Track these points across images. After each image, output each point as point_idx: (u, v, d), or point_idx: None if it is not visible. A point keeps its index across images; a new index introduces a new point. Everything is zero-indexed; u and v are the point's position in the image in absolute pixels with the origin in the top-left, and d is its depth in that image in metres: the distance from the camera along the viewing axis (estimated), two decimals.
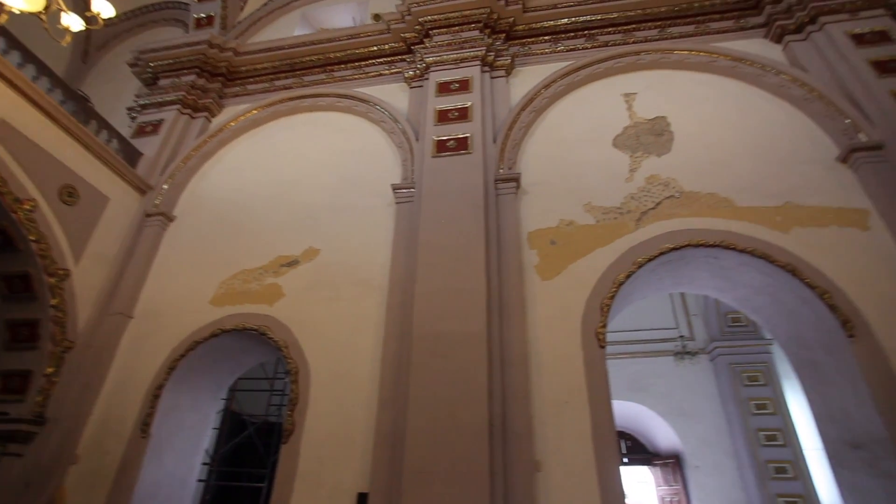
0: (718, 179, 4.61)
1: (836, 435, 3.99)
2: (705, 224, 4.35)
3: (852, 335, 3.70)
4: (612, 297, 4.07)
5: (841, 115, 4.65)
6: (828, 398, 4.07)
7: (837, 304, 3.82)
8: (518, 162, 5.05)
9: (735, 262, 4.27)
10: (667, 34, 5.87)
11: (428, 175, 4.91)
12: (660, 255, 4.25)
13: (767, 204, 4.41)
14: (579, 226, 4.53)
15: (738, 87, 5.30)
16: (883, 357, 3.60)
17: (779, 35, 5.49)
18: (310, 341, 4.54)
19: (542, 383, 3.82)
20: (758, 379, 8.14)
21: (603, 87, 5.55)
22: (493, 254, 4.28)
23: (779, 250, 4.13)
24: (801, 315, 4.16)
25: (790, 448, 7.56)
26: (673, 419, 8.27)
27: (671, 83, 5.47)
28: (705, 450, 8.02)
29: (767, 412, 7.86)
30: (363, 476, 3.73)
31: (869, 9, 5.13)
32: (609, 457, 3.51)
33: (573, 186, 4.77)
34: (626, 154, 4.92)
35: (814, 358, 4.19)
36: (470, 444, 3.38)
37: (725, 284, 4.58)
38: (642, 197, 4.59)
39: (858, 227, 4.18)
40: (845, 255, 4.06)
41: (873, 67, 4.68)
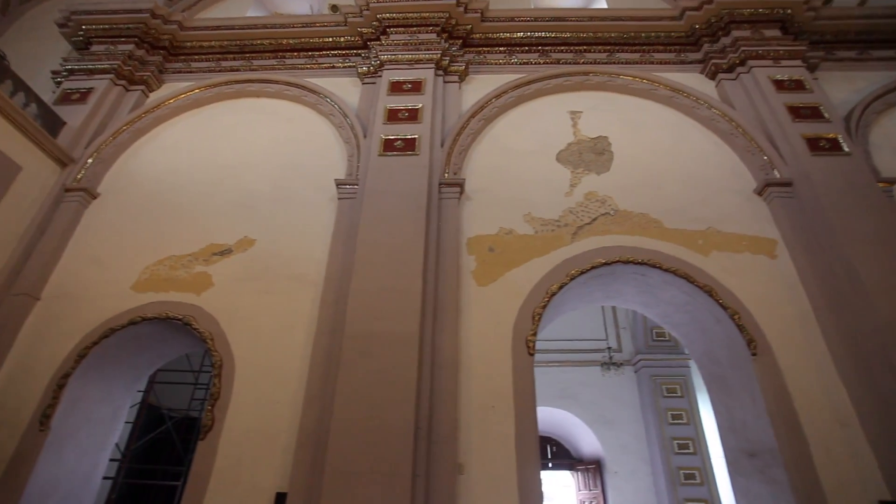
0: (651, 201, 4.88)
1: (735, 444, 4.32)
2: (635, 242, 4.59)
3: (755, 353, 4.03)
4: (545, 306, 4.20)
5: (760, 151, 5.06)
6: (731, 410, 4.40)
7: (745, 324, 4.15)
8: (463, 168, 5.12)
9: (659, 280, 4.53)
10: (615, 59, 6.15)
11: (373, 173, 4.87)
12: (592, 269, 4.44)
13: (692, 228, 4.72)
14: (518, 235, 4.65)
15: (675, 116, 5.65)
16: (779, 374, 3.95)
17: (713, 72, 5.91)
18: (237, 334, 4.36)
19: (470, 387, 3.88)
20: (675, 391, 8.70)
21: (551, 102, 5.74)
22: (432, 256, 4.31)
23: (699, 272, 4.42)
24: (714, 333, 4.48)
25: (699, 456, 8.13)
26: (596, 426, 8.67)
27: (615, 106, 5.74)
28: (624, 456, 8.47)
29: (682, 422, 8.41)
30: (283, 475, 3.62)
31: (789, 59, 5.63)
32: (530, 461, 3.61)
33: (515, 196, 4.90)
34: (568, 169, 5.11)
35: (722, 373, 4.51)
36: (394, 445, 3.37)
37: (650, 300, 4.85)
38: (580, 212, 4.79)
39: (768, 254, 4.56)
40: (755, 280, 4.41)
41: (789, 112, 5.13)
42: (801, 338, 4.12)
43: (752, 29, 5.87)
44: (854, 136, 5.16)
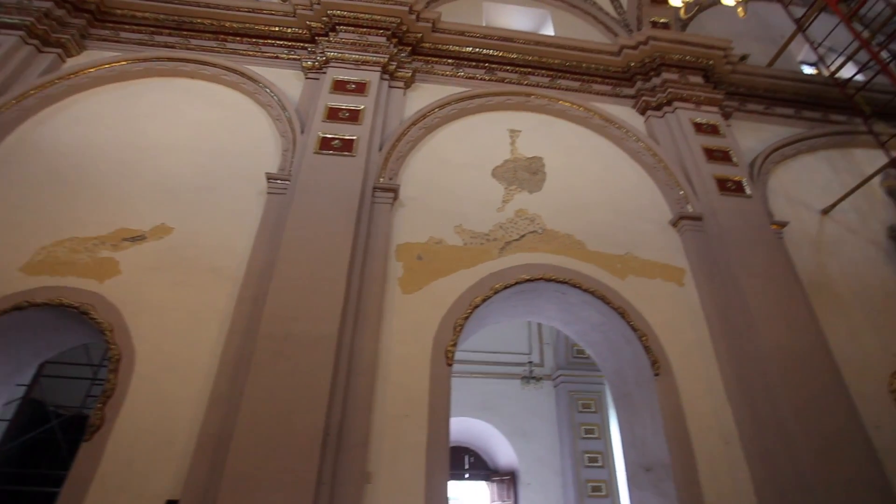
0: (577, 223, 5.11)
1: (635, 458, 4.58)
2: (559, 262, 4.78)
3: (658, 373, 4.31)
4: (467, 318, 4.26)
5: (677, 186, 5.46)
6: (633, 426, 4.65)
7: (651, 345, 4.42)
8: (400, 174, 5.11)
9: (579, 300, 4.74)
10: (556, 84, 6.42)
11: (307, 170, 4.75)
12: (516, 284, 4.56)
13: (612, 252, 4.99)
14: (447, 245, 4.70)
15: (606, 144, 5.97)
16: (676, 394, 4.24)
17: (643, 108, 6.31)
18: (142, 327, 4.06)
19: (386, 395, 3.84)
20: (590, 406, 9.12)
21: (492, 119, 5.89)
22: (359, 260, 4.25)
23: (614, 294, 4.67)
24: (624, 352, 4.74)
25: (606, 469, 8.55)
26: (514, 438, 8.89)
27: (552, 129, 5.98)
28: (538, 468, 8.74)
29: (593, 437, 8.82)
30: (177, 481, 3.39)
31: (708, 105, 6.14)
32: (439, 471, 3.62)
33: (448, 207, 4.95)
34: (502, 186, 5.25)
35: (628, 391, 4.78)
36: (300, 452, 3.26)
37: (569, 318, 5.06)
38: (509, 227, 4.92)
39: (676, 282, 4.91)
40: (663, 305, 4.73)
41: (704, 153, 5.59)
42: (697, 361, 4.45)
43: (680, 73, 6.35)
44: (755, 180, 5.70)
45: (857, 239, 5.73)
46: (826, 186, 6.09)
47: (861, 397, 4.40)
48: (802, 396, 4.04)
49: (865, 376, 4.65)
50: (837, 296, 5.16)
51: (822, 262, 5.39)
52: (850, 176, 6.22)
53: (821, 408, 4.03)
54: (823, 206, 5.84)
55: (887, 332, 5.03)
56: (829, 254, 5.50)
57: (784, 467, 3.85)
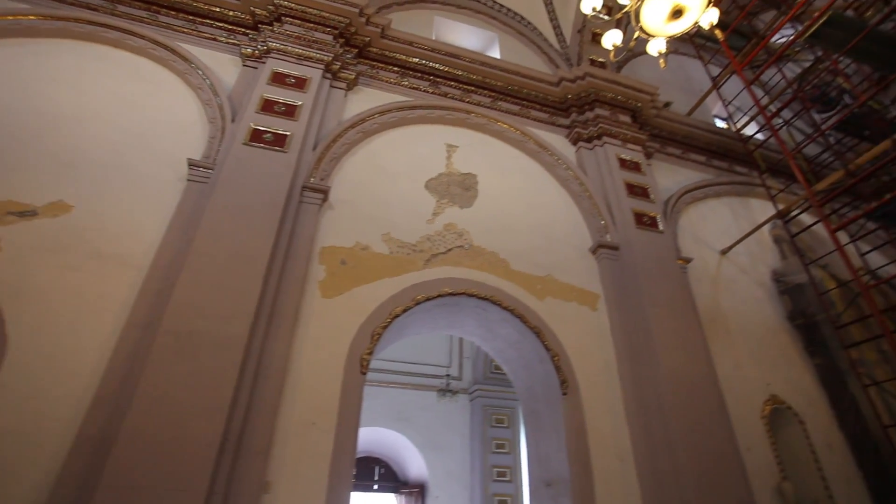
0: (503, 242, 5.26)
1: (539, 474, 4.73)
2: (482, 278, 4.88)
3: (566, 393, 4.50)
4: (386, 327, 4.23)
5: (599, 215, 5.78)
6: (539, 442, 4.82)
7: (562, 366, 4.62)
8: (332, 176, 5.01)
9: (498, 317, 4.86)
10: (496, 105, 6.62)
11: (233, 161, 4.52)
12: (439, 297, 4.60)
13: (534, 273, 5.18)
14: (373, 252, 4.66)
15: (538, 169, 6.22)
16: (581, 413, 4.45)
17: (575, 139, 6.65)
18: (21, 314, 3.63)
19: (294, 401, 3.70)
20: (503, 421, 9.33)
21: (431, 131, 5.95)
22: (279, 260, 4.10)
23: (532, 314, 4.84)
24: (537, 371, 4.91)
25: (514, 484, 8.76)
26: (426, 451, 8.88)
27: (488, 148, 6.14)
28: (448, 481, 8.78)
29: (504, 451, 9.03)
30: (43, 489, 3.04)
31: (633, 143, 6.59)
32: (342, 482, 3.53)
33: (378, 214, 4.92)
34: (434, 198, 5.30)
35: (538, 408, 4.95)
36: (193, 459, 3.05)
37: (487, 335, 5.17)
38: (437, 240, 4.97)
39: (590, 307, 5.18)
40: (576, 328, 4.96)
41: (626, 187, 5.98)
42: (603, 383, 4.71)
43: (611, 111, 6.78)
44: (668, 218, 6.18)
45: (748, 279, 6.35)
46: (726, 230, 6.73)
47: (738, 421, 4.86)
48: (690, 419, 4.39)
49: (743, 403, 5.14)
50: (727, 329, 5.68)
51: (717, 298, 5.91)
52: (746, 222, 6.91)
53: (705, 430, 4.39)
54: (722, 247, 6.44)
55: (765, 364, 5.60)
56: (724, 290, 6.06)
57: (670, 485, 4.14)
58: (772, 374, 5.57)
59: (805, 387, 5.65)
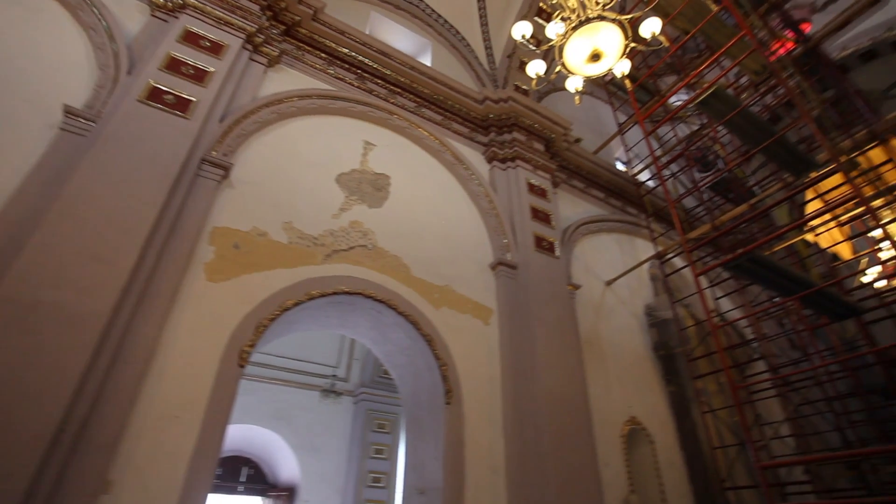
0: (407, 247, 5.26)
1: (413, 481, 4.75)
2: (381, 280, 4.84)
3: (449, 402, 4.58)
4: (274, 319, 4.01)
5: (503, 234, 6.02)
6: (417, 450, 4.85)
7: (448, 375, 4.71)
8: (237, 153, 4.66)
9: (392, 321, 4.83)
10: (420, 111, 6.64)
11: (124, 117, 4.04)
12: (334, 295, 4.47)
13: (434, 281, 5.24)
14: (271, 240, 4.41)
15: (451, 180, 6.33)
16: (461, 423, 4.56)
17: (490, 157, 6.89)
18: None
19: (157, 391, 3.35)
20: (384, 427, 9.27)
21: (351, 125, 5.81)
22: (162, 234, 3.71)
23: (426, 321, 4.89)
24: (424, 379, 4.95)
25: (388, 490, 8.71)
26: (302, 452, 8.51)
27: (406, 152, 6.14)
28: (320, 486, 8.47)
29: (382, 457, 8.95)
30: None
31: (543, 171, 6.99)
32: (200, 483, 3.25)
33: (281, 201, 4.67)
34: (344, 194, 5.16)
35: (420, 415, 4.98)
36: (14, 453, 2.62)
37: (379, 338, 5.12)
38: (340, 236, 4.83)
39: (483, 320, 5.35)
40: (468, 340, 5.09)
41: (531, 210, 6.30)
42: (486, 395, 4.87)
43: (527, 137, 7.12)
44: (564, 245, 6.61)
45: (625, 310, 6.99)
46: (613, 263, 7.35)
47: (601, 439, 5.29)
48: (561, 435, 4.69)
49: (607, 422, 5.61)
50: (602, 353, 6.19)
51: (597, 324, 6.42)
52: (630, 258, 7.61)
53: (572, 445, 4.72)
54: (608, 279, 7.03)
55: (629, 388, 6.18)
56: (604, 318, 6.60)
57: (535, 496, 4.38)
58: (634, 397, 6.15)
59: (659, 411, 6.31)
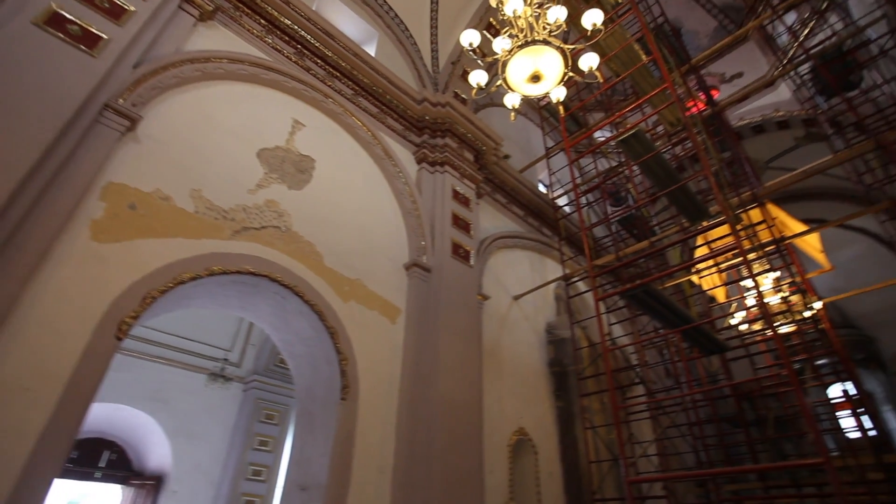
0: (322, 235, 5.10)
1: (296, 477, 4.58)
2: (291, 265, 4.63)
3: (344, 398, 4.49)
4: (165, 292, 3.68)
5: (422, 236, 6.05)
6: (305, 445, 4.68)
7: (348, 371, 4.61)
8: (150, 107, 4.22)
9: (296, 309, 4.64)
10: (356, 100, 6.49)
11: (10, 38, 3.51)
12: (238, 274, 4.20)
13: (345, 274, 5.12)
14: (174, 206, 4.04)
15: (378, 175, 6.25)
16: (354, 421, 4.48)
17: (420, 158, 6.90)
18: None
19: (9, 359, 2.92)
20: (273, 418, 8.85)
21: (281, 100, 5.52)
22: (41, 179, 3.25)
23: (333, 313, 4.76)
24: (322, 372, 4.80)
25: (268, 484, 8.31)
26: (178, 439, 7.83)
27: (336, 139, 5.96)
28: (193, 475, 7.85)
29: (266, 449, 8.53)
30: None
31: (469, 180, 7.13)
32: (47, 467, 2.86)
33: (193, 167, 4.31)
34: (263, 170, 4.89)
35: (313, 409, 4.82)
36: None
37: (280, 325, 4.89)
38: (253, 214, 4.56)
39: (391, 319, 5.32)
40: (372, 337, 5.03)
41: (452, 217, 6.40)
42: (382, 395, 4.84)
43: (459, 145, 7.23)
44: (480, 255, 6.79)
45: (528, 325, 7.31)
46: (522, 279, 7.67)
47: (489, 446, 5.47)
48: (452, 440, 4.77)
49: (497, 431, 5.81)
50: (501, 364, 6.41)
51: (499, 336, 6.65)
52: (539, 277, 7.99)
53: (461, 451, 4.82)
54: (516, 293, 7.32)
55: (522, 400, 6.46)
56: (507, 331, 6.85)
57: (418, 498, 4.41)
58: (525, 409, 6.44)
59: (546, 424, 6.66)
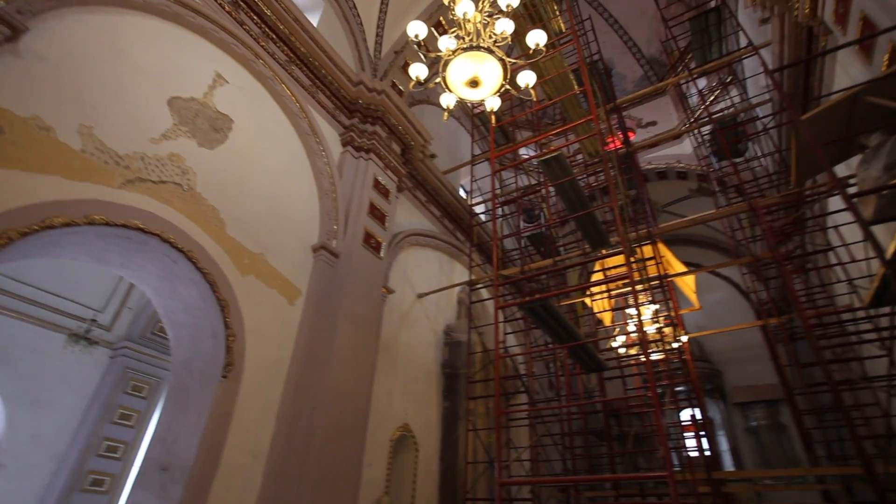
0: (229, 202, 4.76)
1: (157, 455, 4.21)
2: (189, 228, 4.27)
3: (226, 376, 4.21)
4: (27, 234, 3.18)
5: (335, 220, 5.88)
6: (174, 422, 4.32)
7: (234, 348, 4.34)
8: (41, 19, 3.62)
9: (187, 275, 4.28)
10: (290, 68, 6.16)
11: None
12: (125, 228, 3.78)
13: (248, 246, 4.82)
14: (56, 139, 3.52)
15: (300, 150, 5.98)
16: (233, 401, 4.22)
17: (346, 141, 6.71)
18: None
19: None
20: (141, 391, 8.05)
21: (206, 50, 5.07)
22: None
23: (227, 285, 4.46)
24: (205, 346, 4.46)
25: (123, 462, 7.54)
26: (17, 406, 6.76)
27: (260, 103, 5.61)
28: (30, 448, 6.84)
29: (127, 424, 7.72)
30: None
31: (393, 172, 7.07)
32: None
33: (88, 99, 3.78)
34: (173, 120, 4.44)
35: (189, 385, 4.46)
36: None
37: (166, 290, 4.47)
38: (153, 165, 4.13)
39: (289, 300, 5.10)
40: (266, 315, 4.79)
41: (370, 206, 6.30)
42: (268, 377, 4.62)
43: (388, 135, 7.14)
44: (391, 249, 6.76)
45: (428, 324, 7.40)
46: (429, 279, 7.75)
47: (372, 440, 5.44)
48: (334, 430, 4.67)
49: (382, 425, 5.81)
50: (395, 360, 6.42)
51: (398, 332, 6.66)
52: (446, 279, 8.13)
53: (342, 442, 4.74)
54: (421, 292, 7.37)
55: (411, 396, 6.52)
56: (407, 327, 6.88)
57: (290, 487, 4.25)
58: (413, 406, 6.49)
59: (431, 423, 6.78)
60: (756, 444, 11.14)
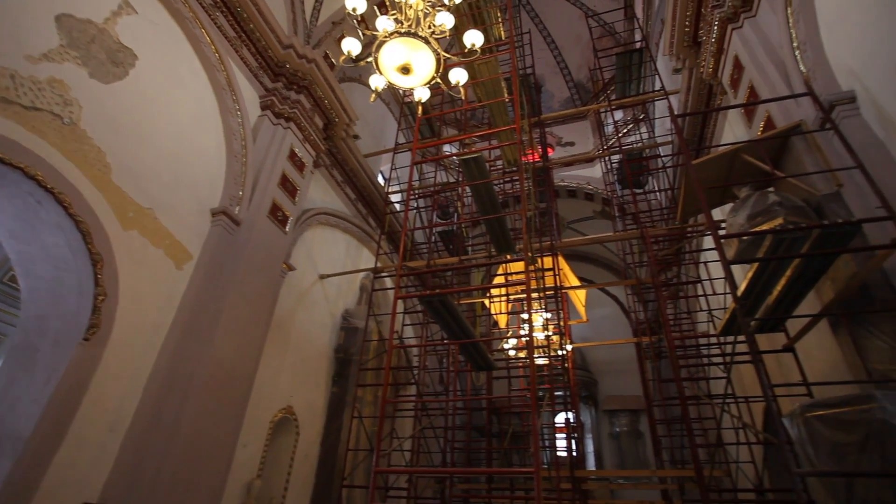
0: (120, 146, 4.26)
1: None
2: (63, 167, 3.75)
3: (87, 339, 3.77)
4: None
5: (241, 186, 5.52)
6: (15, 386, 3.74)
7: (103, 309, 3.89)
8: None
9: (54, 220, 3.76)
10: (213, 14, 5.67)
11: None
12: None
13: (136, 198, 4.36)
14: None
15: (213, 105, 5.52)
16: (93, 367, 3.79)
17: (266, 105, 6.31)
18: None
19: None
20: None
21: None
22: None
23: (103, 238, 3.99)
24: (67, 303, 3.95)
25: None
26: None
27: (175, 46, 5.12)
28: None
29: None
30: None
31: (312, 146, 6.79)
32: None
33: None
34: (59, 40, 3.86)
35: (39, 345, 3.91)
36: None
37: (24, 234, 3.88)
38: (26, 87, 3.56)
39: (177, 263, 4.69)
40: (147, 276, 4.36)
41: (282, 178, 6.01)
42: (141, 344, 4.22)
43: (313, 107, 6.83)
44: (297, 226, 6.47)
45: (326, 307, 7.21)
46: (334, 261, 7.56)
47: (251, 420, 5.17)
48: (209, 406, 4.39)
49: (263, 405, 5.55)
50: (287, 339, 6.17)
51: (294, 310, 6.41)
52: (352, 263, 7.98)
53: (216, 420, 4.46)
54: (324, 273, 7.16)
55: (299, 378, 6.30)
56: (304, 307, 6.65)
57: (149, 464, 3.92)
58: (299, 388, 6.29)
59: (316, 407, 6.62)
60: (617, 448, 12.38)
